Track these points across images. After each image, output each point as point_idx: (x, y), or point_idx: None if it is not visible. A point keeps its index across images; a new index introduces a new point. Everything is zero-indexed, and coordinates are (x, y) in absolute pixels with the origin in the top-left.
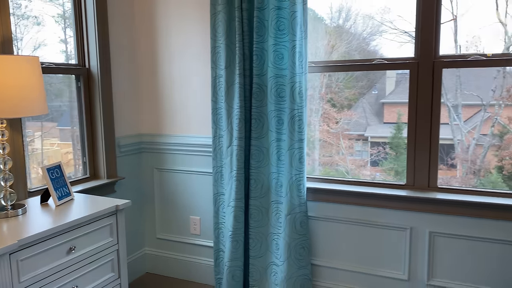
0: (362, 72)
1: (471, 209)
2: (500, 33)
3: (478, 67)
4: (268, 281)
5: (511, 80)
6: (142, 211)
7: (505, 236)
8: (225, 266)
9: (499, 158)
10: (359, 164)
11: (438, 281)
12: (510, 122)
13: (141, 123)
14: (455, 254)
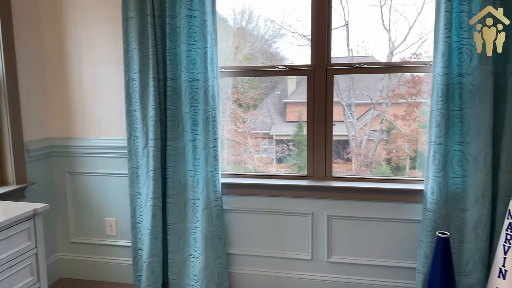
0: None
1: (361, 193)
2: (385, 39)
3: (362, 73)
4: (186, 272)
5: (395, 81)
6: (55, 216)
7: (389, 215)
8: (144, 263)
9: (387, 151)
10: (266, 162)
11: (336, 257)
12: (396, 119)
13: (50, 127)
14: (350, 233)
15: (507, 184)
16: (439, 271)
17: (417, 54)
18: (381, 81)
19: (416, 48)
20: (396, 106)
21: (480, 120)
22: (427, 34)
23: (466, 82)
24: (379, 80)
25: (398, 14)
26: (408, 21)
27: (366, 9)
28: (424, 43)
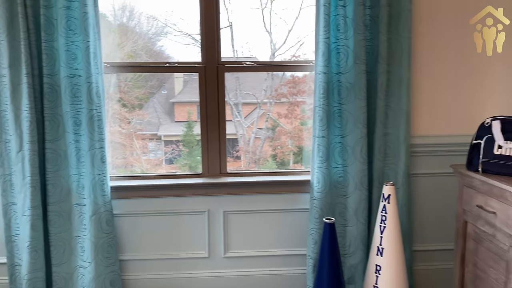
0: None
1: (255, 187)
2: (267, 41)
3: (251, 71)
4: (74, 285)
5: (277, 81)
6: None
7: (281, 206)
8: (24, 279)
9: (273, 147)
10: (155, 163)
11: (233, 252)
12: (279, 117)
13: None
14: (245, 227)
15: (380, 171)
16: (327, 255)
17: (296, 56)
18: (265, 81)
19: (295, 50)
20: (279, 105)
21: (356, 114)
22: (304, 37)
23: (344, 79)
24: (263, 80)
25: (278, 17)
26: (287, 24)
27: (248, 12)
28: (302, 46)
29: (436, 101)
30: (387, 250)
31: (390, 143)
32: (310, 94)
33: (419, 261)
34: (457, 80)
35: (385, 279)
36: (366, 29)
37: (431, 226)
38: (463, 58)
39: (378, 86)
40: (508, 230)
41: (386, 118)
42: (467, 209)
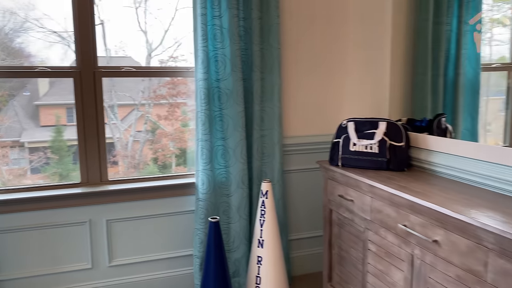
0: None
1: (138, 193)
2: (142, 40)
3: (130, 77)
4: None
5: (156, 82)
6: None
7: (166, 210)
8: None
9: (153, 151)
10: (18, 174)
11: (119, 260)
12: (159, 119)
13: None
14: (130, 234)
15: (259, 170)
16: (213, 252)
17: (174, 57)
18: (142, 82)
19: (173, 51)
20: (158, 107)
21: (235, 118)
22: (181, 38)
23: (223, 86)
24: (139, 81)
25: (153, 17)
26: (163, 25)
27: (121, 10)
28: (180, 47)
29: (303, 105)
30: (267, 242)
31: (266, 143)
32: (190, 95)
33: (294, 249)
34: (320, 86)
35: (266, 268)
36: (241, 39)
37: (303, 216)
38: (326, 67)
39: (254, 92)
40: (363, 214)
41: (262, 121)
42: (331, 199)
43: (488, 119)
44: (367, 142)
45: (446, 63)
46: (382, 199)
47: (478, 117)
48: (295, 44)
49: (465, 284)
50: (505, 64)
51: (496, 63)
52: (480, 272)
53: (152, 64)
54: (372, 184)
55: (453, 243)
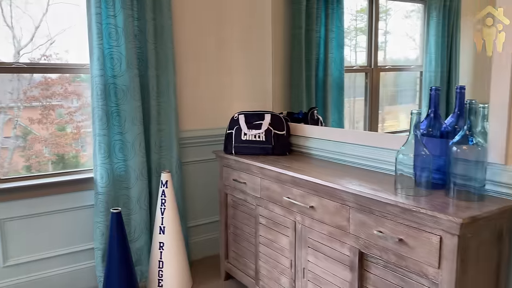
0: None
1: (34, 190)
2: (9, 36)
3: (22, 73)
4: None
5: (25, 83)
6: None
7: (64, 206)
8: None
9: (25, 158)
10: None
11: (15, 259)
12: (31, 123)
13: None
14: (26, 232)
15: (157, 162)
16: (115, 242)
17: (47, 56)
18: (10, 83)
19: (45, 49)
20: (30, 110)
21: (133, 113)
22: (55, 35)
23: (119, 82)
24: (7, 81)
25: (21, 11)
26: (33, 20)
27: None
28: (53, 45)
29: (197, 101)
30: (168, 228)
31: (164, 137)
32: (66, 96)
33: (193, 235)
34: (212, 83)
35: (168, 253)
36: (136, 38)
37: (201, 204)
38: (217, 66)
39: (150, 88)
40: (254, 193)
41: (159, 116)
42: (226, 184)
43: (356, 117)
44: (255, 132)
45: (317, 65)
46: (270, 178)
47: (344, 111)
48: (188, 44)
49: (335, 238)
50: (363, 67)
51: (356, 66)
52: (345, 226)
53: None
54: (261, 166)
55: (324, 206)
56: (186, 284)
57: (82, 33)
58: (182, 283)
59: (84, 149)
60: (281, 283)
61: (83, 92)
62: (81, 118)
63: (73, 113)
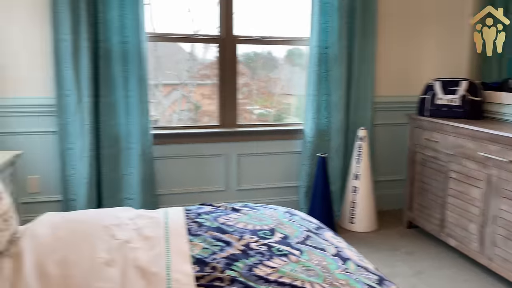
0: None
1: (259, 135)
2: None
3: (259, 44)
4: None
5: (198, 62)
6: None
7: (277, 149)
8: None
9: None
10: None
11: (244, 186)
12: (203, 98)
13: None
14: (253, 166)
15: (353, 121)
16: (320, 182)
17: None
18: (186, 62)
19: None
20: (201, 87)
21: (339, 78)
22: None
23: (330, 52)
24: (184, 61)
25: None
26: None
27: None
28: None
29: (391, 70)
30: (362, 175)
31: (361, 100)
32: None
33: (378, 189)
34: (407, 55)
35: (360, 196)
36: (346, 14)
37: (386, 162)
38: (412, 37)
39: (354, 57)
40: (447, 151)
41: (358, 81)
42: (417, 143)
43: None
44: (451, 97)
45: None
46: (465, 136)
47: None
48: (390, 18)
49: None
50: None
51: None
52: None
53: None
54: (457, 125)
55: None
56: (373, 225)
57: (299, 10)
58: (370, 224)
59: (296, 107)
60: (469, 229)
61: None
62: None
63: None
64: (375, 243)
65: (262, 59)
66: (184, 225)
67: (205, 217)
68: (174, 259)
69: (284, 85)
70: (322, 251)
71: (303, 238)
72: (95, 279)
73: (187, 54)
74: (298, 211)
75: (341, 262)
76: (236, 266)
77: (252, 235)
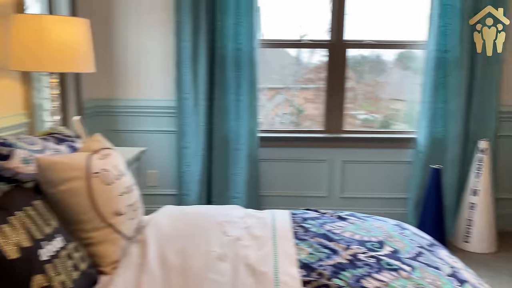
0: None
1: (365, 142)
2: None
3: (372, 48)
4: None
5: (303, 66)
6: None
7: (385, 158)
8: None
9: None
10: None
11: (348, 194)
12: (305, 102)
13: (97, 88)
14: (359, 174)
15: (474, 131)
16: (433, 195)
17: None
18: (291, 67)
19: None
20: (304, 91)
21: (458, 85)
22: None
23: (449, 56)
24: (289, 65)
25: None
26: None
27: None
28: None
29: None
30: (481, 191)
31: (483, 109)
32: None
33: (499, 207)
34: None
35: (478, 213)
36: (469, 16)
37: (510, 178)
38: None
39: (478, 61)
40: None
41: (481, 88)
42: None
43: None
44: None
45: None
46: None
47: None
48: None
49: None
50: None
51: None
52: None
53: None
54: None
55: None
56: (491, 247)
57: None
58: (488, 245)
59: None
60: None
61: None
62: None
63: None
64: (494, 267)
65: (369, 62)
66: (291, 228)
67: (311, 222)
68: (281, 261)
69: (393, 90)
70: (436, 269)
71: (414, 254)
72: (210, 271)
73: (293, 59)
74: (409, 225)
75: (458, 284)
76: (343, 276)
77: (359, 245)
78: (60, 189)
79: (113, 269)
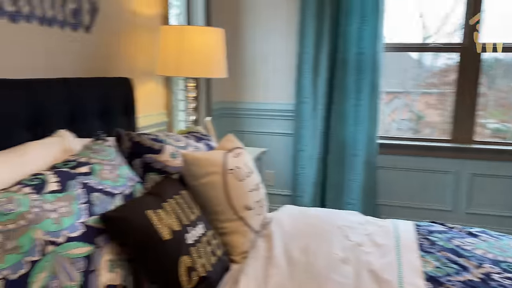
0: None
1: (501, 154)
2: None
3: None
4: None
5: (425, 69)
6: None
7: None
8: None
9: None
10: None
11: (475, 209)
12: (427, 107)
13: (223, 92)
14: (490, 189)
15: None
16: None
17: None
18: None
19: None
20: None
21: None
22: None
23: None
24: (410, 69)
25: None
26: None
27: None
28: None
29: None
30: None
31: None
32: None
33: None
34: None
35: None
36: None
37: None
38: None
39: None
40: None
41: None
42: None
43: None
44: None
45: None
46: None
47: None
48: None
49: None
50: None
51: None
52: None
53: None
54: None
55: None
56: None
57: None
58: None
59: None
60: None
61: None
62: None
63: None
64: None
65: (504, 66)
66: (415, 240)
67: (437, 236)
68: (405, 271)
69: None
70: None
71: None
72: (333, 272)
73: (415, 62)
74: None
75: None
76: None
77: (493, 265)
78: (201, 182)
79: (242, 258)
